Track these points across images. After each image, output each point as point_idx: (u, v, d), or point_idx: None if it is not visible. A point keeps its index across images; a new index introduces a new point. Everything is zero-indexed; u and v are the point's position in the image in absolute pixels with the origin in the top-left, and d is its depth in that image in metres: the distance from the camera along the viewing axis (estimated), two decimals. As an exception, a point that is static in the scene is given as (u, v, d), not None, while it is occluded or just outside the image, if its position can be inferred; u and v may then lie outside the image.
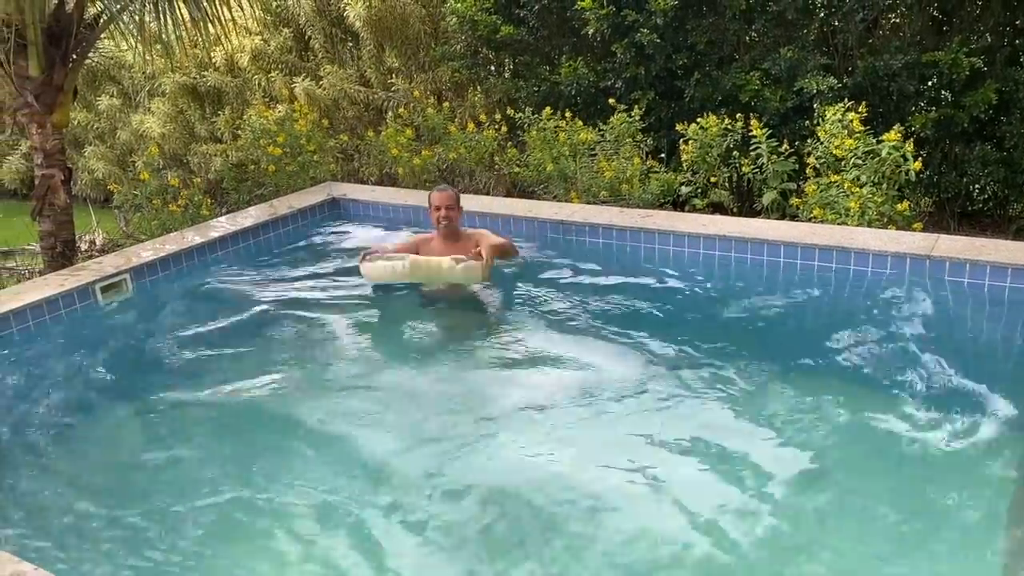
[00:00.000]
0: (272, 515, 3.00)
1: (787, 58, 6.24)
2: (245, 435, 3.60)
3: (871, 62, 6.10)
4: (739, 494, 2.93)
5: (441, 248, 4.85)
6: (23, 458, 3.47)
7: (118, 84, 10.20)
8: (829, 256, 4.70)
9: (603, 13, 6.64)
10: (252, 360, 4.26)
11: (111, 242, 7.81)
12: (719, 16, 6.63)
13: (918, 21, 6.39)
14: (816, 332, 4.25)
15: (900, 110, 6.24)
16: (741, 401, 3.54)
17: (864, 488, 2.99)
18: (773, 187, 5.98)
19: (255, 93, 8.98)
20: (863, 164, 5.34)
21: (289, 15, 8.95)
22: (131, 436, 3.71)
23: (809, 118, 6.25)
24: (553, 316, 4.51)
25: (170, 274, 5.21)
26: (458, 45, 7.74)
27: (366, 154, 8.00)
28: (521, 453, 3.29)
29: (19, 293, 4.60)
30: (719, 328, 4.28)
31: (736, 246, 4.95)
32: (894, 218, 5.23)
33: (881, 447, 3.21)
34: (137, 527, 2.98)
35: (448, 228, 4.85)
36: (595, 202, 6.17)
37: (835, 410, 3.44)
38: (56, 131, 5.96)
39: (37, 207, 6.02)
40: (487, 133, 7.16)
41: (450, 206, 4.82)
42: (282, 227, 6.01)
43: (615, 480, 3.07)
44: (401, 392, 3.86)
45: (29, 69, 5.74)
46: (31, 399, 3.93)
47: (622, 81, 6.91)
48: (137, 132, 9.82)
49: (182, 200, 6.84)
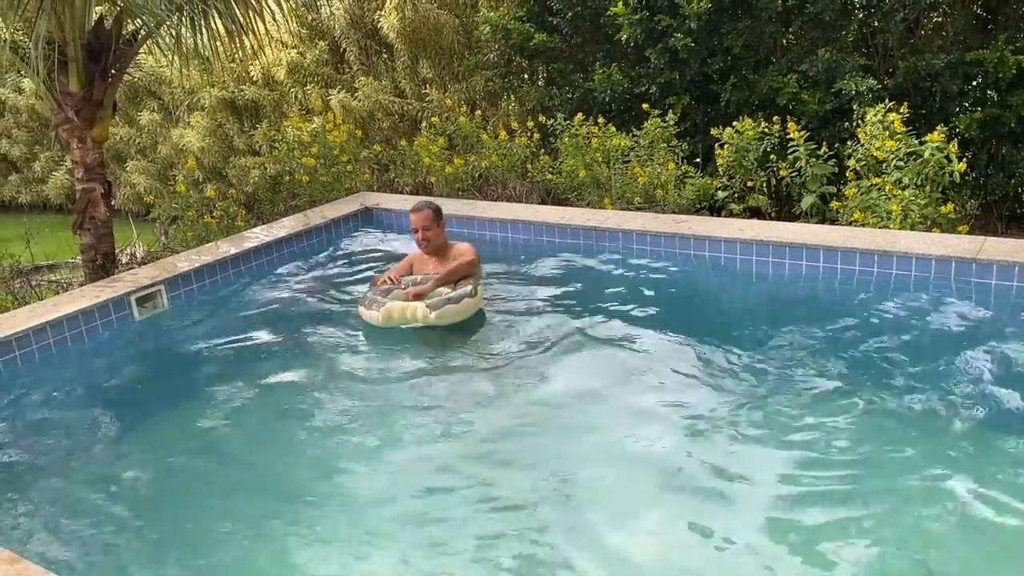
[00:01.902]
0: (312, 536, 2.95)
1: (825, 59, 6.11)
2: (276, 446, 3.58)
3: (912, 62, 5.95)
4: (797, 507, 2.84)
5: (432, 265, 4.80)
6: (54, 467, 3.49)
7: (159, 99, 10.38)
8: (870, 260, 4.57)
9: (636, 19, 6.58)
10: (283, 368, 4.25)
11: (150, 254, 7.91)
12: (754, 19, 6.53)
13: (961, 19, 6.23)
14: (858, 338, 4.12)
15: (944, 111, 6.08)
16: (782, 410, 3.43)
17: (913, 493, 2.87)
18: (812, 191, 5.85)
19: (292, 106, 9.07)
20: (905, 166, 5.20)
21: (324, 28, 9.04)
22: (164, 445, 3.71)
23: (849, 120, 6.12)
24: (587, 323, 4.43)
25: (204, 284, 5.24)
26: (491, 54, 7.73)
27: (400, 164, 8.02)
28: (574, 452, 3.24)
29: (56, 304, 4.66)
30: (756, 335, 4.17)
31: (774, 251, 4.84)
32: (938, 221, 5.08)
33: (929, 454, 3.09)
34: (165, 539, 2.98)
35: (430, 247, 4.79)
36: (629, 208, 6.09)
37: (879, 420, 3.33)
38: (96, 145, 6.05)
39: (78, 220, 6.12)
40: (519, 141, 7.13)
41: (427, 226, 4.73)
42: (315, 237, 6.03)
43: (668, 507, 2.99)
44: (449, 402, 3.79)
45: (70, 85, 5.83)
46: (65, 409, 3.96)
47: (656, 86, 6.83)
48: (177, 146, 9.97)
49: (218, 212, 6.91)
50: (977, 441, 3.12)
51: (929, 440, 3.16)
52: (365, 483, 3.24)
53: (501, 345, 4.26)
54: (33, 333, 4.35)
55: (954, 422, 3.23)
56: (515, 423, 3.58)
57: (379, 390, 3.98)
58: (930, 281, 4.39)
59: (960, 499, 2.80)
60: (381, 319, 4.41)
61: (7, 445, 3.66)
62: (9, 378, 4.19)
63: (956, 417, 3.26)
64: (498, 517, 2.92)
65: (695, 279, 4.98)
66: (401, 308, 4.40)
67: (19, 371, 4.25)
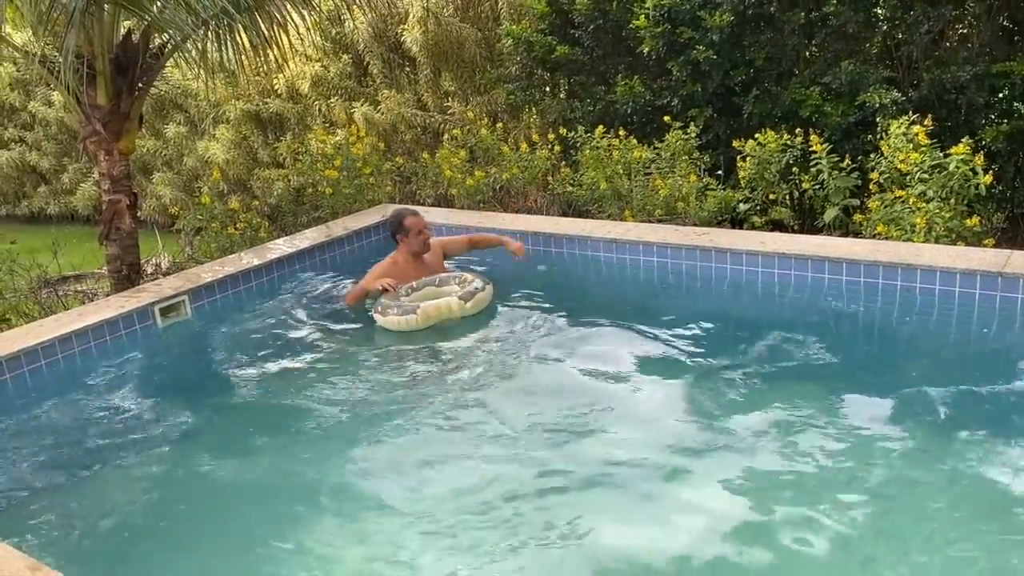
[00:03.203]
0: (337, 546, 2.97)
1: (848, 72, 6.07)
2: (301, 452, 3.59)
3: (937, 74, 5.90)
4: (827, 522, 2.81)
5: (414, 268, 5.04)
6: (76, 473, 3.53)
7: (184, 112, 10.52)
8: (894, 274, 4.52)
9: (658, 31, 6.58)
10: (305, 376, 4.27)
11: (175, 265, 8.00)
12: (777, 31, 6.51)
13: (987, 31, 6.16)
14: (880, 352, 4.09)
15: (970, 123, 6.01)
16: (800, 423, 3.40)
17: (939, 512, 2.83)
18: (835, 203, 5.80)
19: (315, 119, 9.15)
20: (930, 179, 5.14)
21: (348, 42, 9.12)
22: (187, 453, 3.74)
23: (872, 132, 6.07)
24: (607, 335, 4.43)
25: (227, 295, 5.29)
26: (513, 67, 7.76)
27: (422, 176, 8.06)
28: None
29: (82, 314, 4.72)
30: (778, 349, 4.13)
31: (796, 264, 4.81)
32: (963, 234, 5.02)
33: (956, 473, 3.04)
34: (189, 547, 3.00)
35: (426, 247, 5.13)
36: (650, 220, 6.08)
37: (901, 433, 3.28)
38: (123, 157, 6.13)
39: (104, 231, 6.20)
40: (540, 153, 7.15)
41: (428, 225, 5.13)
42: (337, 248, 6.07)
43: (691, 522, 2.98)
44: (473, 409, 3.79)
45: (98, 98, 5.92)
46: (87, 418, 4.00)
47: (678, 99, 6.82)
48: (202, 158, 10.10)
49: (241, 223, 6.97)
50: (1008, 456, 3.07)
51: (956, 458, 3.12)
52: (397, 489, 3.22)
53: (518, 348, 4.27)
54: (59, 342, 4.41)
55: (980, 437, 3.18)
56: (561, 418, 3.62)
57: (408, 394, 3.99)
58: (955, 295, 4.34)
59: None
60: (420, 321, 4.56)
61: (31, 453, 3.71)
62: (35, 386, 4.25)
63: (983, 432, 3.21)
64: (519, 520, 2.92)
65: (715, 291, 4.95)
66: (436, 305, 4.61)
67: (44, 380, 4.31)
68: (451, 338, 4.55)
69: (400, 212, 5.16)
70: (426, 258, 5.15)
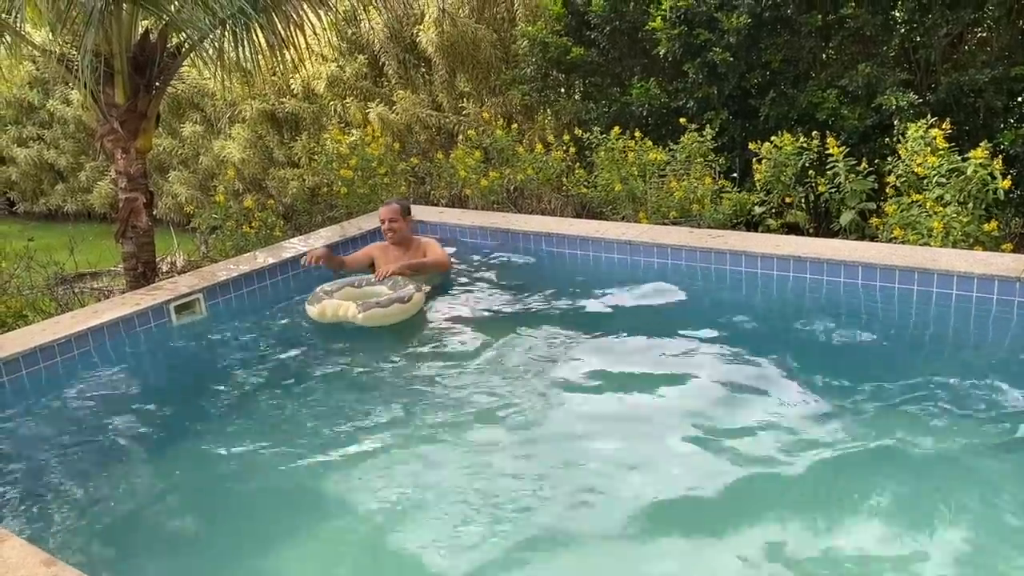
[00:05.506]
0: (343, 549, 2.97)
1: (865, 75, 6.04)
2: (315, 450, 3.60)
3: (955, 77, 5.86)
4: (840, 524, 2.80)
5: (395, 255, 5.25)
6: (91, 470, 3.54)
7: (201, 111, 10.56)
8: (910, 278, 4.48)
9: (675, 33, 6.57)
10: (318, 374, 4.29)
11: (190, 263, 8.05)
12: (794, 34, 6.48)
13: (1007, 35, 6.12)
14: (896, 357, 4.05)
15: (988, 127, 5.97)
16: (813, 428, 3.38)
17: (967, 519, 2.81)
18: (851, 207, 5.77)
19: (331, 119, 9.18)
20: (947, 183, 5.11)
21: (364, 42, 9.14)
22: (200, 450, 3.76)
23: (889, 136, 6.04)
24: (617, 338, 4.42)
25: (242, 293, 5.31)
26: (528, 68, 7.76)
27: (436, 176, 8.07)
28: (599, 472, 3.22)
29: (97, 311, 4.75)
30: (792, 353, 4.10)
31: (811, 267, 4.78)
32: (981, 239, 4.98)
33: (972, 475, 3.02)
34: (201, 544, 3.01)
35: (395, 238, 5.26)
36: (664, 222, 6.06)
37: (919, 439, 3.26)
38: (139, 156, 6.17)
39: (120, 229, 6.24)
40: (555, 154, 7.14)
41: (393, 219, 5.22)
42: (351, 248, 6.08)
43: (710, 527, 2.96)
44: (490, 412, 3.78)
45: (115, 97, 5.96)
46: (102, 413, 4.03)
47: (694, 101, 6.80)
48: (218, 157, 10.14)
49: (256, 222, 7.00)
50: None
51: (977, 461, 3.09)
52: (415, 489, 3.21)
53: (529, 349, 4.27)
54: (75, 339, 4.44)
55: (999, 444, 3.15)
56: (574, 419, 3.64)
57: (424, 392, 4.00)
58: (972, 300, 4.30)
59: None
60: (316, 314, 4.73)
61: (46, 448, 3.73)
62: (50, 381, 4.28)
63: (1004, 439, 3.18)
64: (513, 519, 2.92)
65: (730, 294, 4.93)
66: (335, 306, 4.71)
67: (59, 375, 4.34)
68: (470, 341, 4.53)
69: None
70: (403, 250, 5.28)
